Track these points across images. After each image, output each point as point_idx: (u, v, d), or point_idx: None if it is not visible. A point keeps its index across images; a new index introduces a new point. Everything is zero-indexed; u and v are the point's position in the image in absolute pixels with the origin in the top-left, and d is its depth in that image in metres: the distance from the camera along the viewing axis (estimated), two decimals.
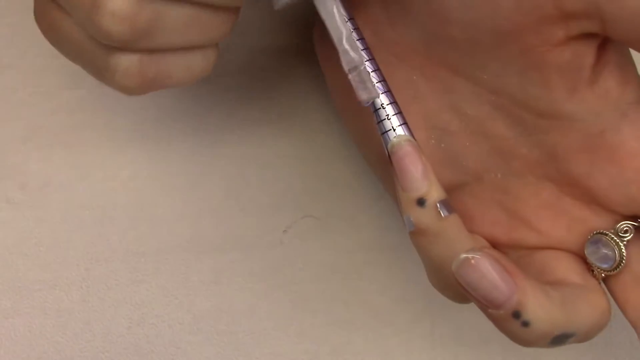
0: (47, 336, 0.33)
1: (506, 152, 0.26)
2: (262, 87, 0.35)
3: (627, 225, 0.25)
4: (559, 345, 0.24)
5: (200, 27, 0.24)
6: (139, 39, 0.22)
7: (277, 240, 0.35)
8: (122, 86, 0.24)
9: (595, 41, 0.24)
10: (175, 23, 0.23)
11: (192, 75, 0.25)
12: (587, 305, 0.24)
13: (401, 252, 0.35)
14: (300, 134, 0.35)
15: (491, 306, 0.22)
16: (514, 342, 0.23)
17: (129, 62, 0.23)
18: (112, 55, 0.23)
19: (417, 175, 0.24)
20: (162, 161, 0.35)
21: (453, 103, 0.26)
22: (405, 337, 0.35)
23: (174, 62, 0.24)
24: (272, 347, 0.34)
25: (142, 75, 0.24)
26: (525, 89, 0.25)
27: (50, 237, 0.34)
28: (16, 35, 0.34)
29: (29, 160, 0.34)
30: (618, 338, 0.35)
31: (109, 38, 0.22)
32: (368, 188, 0.35)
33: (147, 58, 0.24)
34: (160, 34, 0.23)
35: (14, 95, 0.34)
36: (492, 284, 0.22)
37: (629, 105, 0.24)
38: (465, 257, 0.22)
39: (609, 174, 0.24)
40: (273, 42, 0.35)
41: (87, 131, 0.34)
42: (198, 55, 0.25)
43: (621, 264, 0.24)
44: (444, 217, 0.23)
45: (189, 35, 0.24)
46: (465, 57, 0.25)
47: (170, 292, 0.34)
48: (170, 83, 0.25)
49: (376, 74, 0.25)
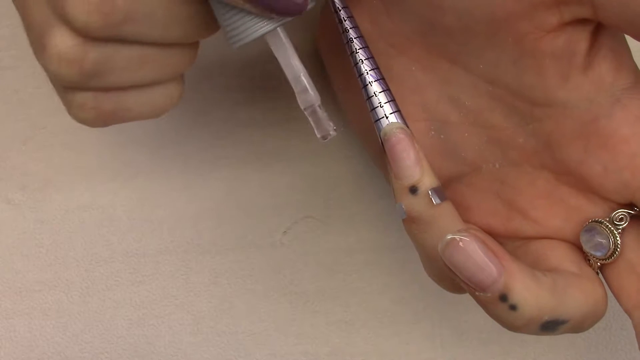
0: (47, 336, 0.33)
1: (503, 142, 0.26)
2: (263, 88, 0.35)
3: (623, 214, 0.24)
4: (551, 332, 0.23)
5: (154, 65, 0.23)
6: (88, 80, 0.22)
7: (277, 241, 0.35)
8: (80, 119, 0.24)
9: (589, 27, 0.24)
10: (126, 63, 0.22)
11: (154, 109, 0.25)
12: (580, 293, 0.24)
13: (401, 253, 0.35)
14: (300, 135, 0.35)
15: (477, 289, 0.22)
16: (504, 327, 0.23)
17: (83, 99, 0.23)
18: (67, 91, 0.23)
19: (409, 162, 0.24)
20: (162, 162, 0.35)
21: (451, 94, 0.26)
22: (405, 337, 0.35)
23: (132, 98, 0.24)
24: (272, 348, 0.34)
25: (97, 111, 0.23)
26: (520, 77, 0.25)
27: (50, 237, 0.34)
28: (16, 36, 0.34)
29: (30, 161, 0.34)
30: (618, 338, 0.35)
31: (58, 79, 0.22)
32: (368, 188, 0.35)
33: (102, 95, 0.23)
34: (110, 74, 0.22)
35: (15, 96, 0.34)
36: (478, 266, 0.22)
37: (623, 90, 0.24)
38: (452, 237, 0.22)
39: (603, 161, 0.24)
40: None
41: (87, 132, 0.34)
42: (159, 90, 0.24)
43: (616, 252, 0.24)
44: (436, 204, 0.23)
45: (143, 73, 0.23)
46: (462, 47, 0.25)
47: (170, 293, 0.34)
48: (132, 117, 0.24)
49: (369, 62, 0.25)
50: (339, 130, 0.35)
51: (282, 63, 0.24)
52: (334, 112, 0.35)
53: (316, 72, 0.35)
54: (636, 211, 0.24)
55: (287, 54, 0.24)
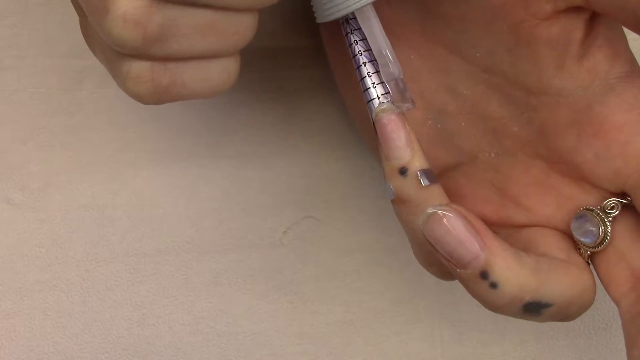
0: (47, 336, 0.33)
1: (499, 131, 0.26)
2: (263, 88, 0.35)
3: (614, 202, 0.24)
4: (535, 315, 0.23)
5: (217, 33, 0.22)
6: (151, 45, 0.21)
7: (277, 241, 0.35)
8: (134, 93, 0.23)
9: (584, 16, 0.24)
10: (191, 29, 0.22)
11: (209, 87, 0.24)
12: (566, 278, 0.23)
13: (401, 253, 0.35)
14: (300, 134, 0.35)
15: (458, 265, 0.22)
16: (485, 307, 0.23)
17: (140, 69, 0.22)
18: (124, 61, 0.22)
19: (399, 143, 0.24)
20: (162, 161, 0.35)
21: (449, 83, 0.27)
22: (405, 337, 0.35)
23: (189, 71, 0.23)
24: (272, 348, 0.34)
25: (154, 83, 0.23)
26: (516, 65, 0.25)
27: (50, 238, 0.34)
28: (16, 35, 0.34)
29: (30, 161, 0.34)
30: (618, 338, 0.35)
31: (119, 44, 0.21)
32: (368, 188, 0.35)
33: (159, 66, 0.22)
34: (173, 41, 0.22)
35: (14, 96, 0.34)
36: (458, 240, 0.22)
37: (618, 79, 0.24)
38: (433, 211, 0.22)
39: (595, 148, 0.24)
40: (274, 43, 0.35)
41: (87, 132, 0.34)
42: (216, 65, 0.24)
43: (605, 240, 0.24)
44: (424, 186, 0.23)
45: (206, 41, 0.22)
46: (459, 35, 0.25)
47: (170, 293, 0.34)
48: (186, 94, 0.24)
49: (363, 43, 0.25)
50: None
51: (368, 37, 0.24)
52: (334, 114, 0.35)
53: (318, 73, 0.35)
54: (628, 201, 0.24)
55: (373, 28, 0.24)
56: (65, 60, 0.34)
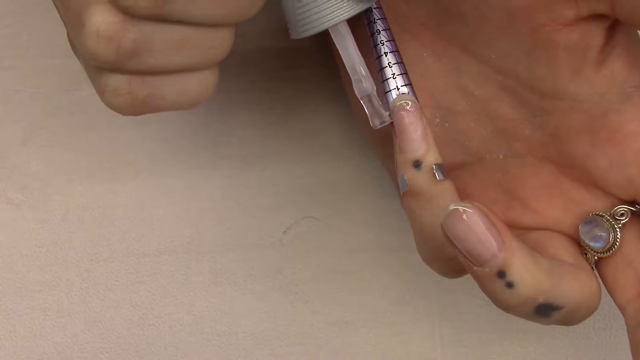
0: (47, 336, 0.33)
1: (509, 133, 0.26)
2: (263, 89, 0.35)
3: (624, 209, 0.25)
4: (544, 317, 0.23)
5: (193, 48, 0.23)
6: (126, 60, 0.22)
7: (277, 241, 0.35)
8: (112, 105, 0.23)
9: (605, 23, 0.24)
10: (166, 44, 0.22)
11: (188, 99, 0.24)
12: (575, 282, 0.23)
13: (401, 253, 0.35)
14: (300, 135, 0.35)
15: (476, 263, 0.22)
16: (497, 306, 0.23)
17: (117, 83, 0.23)
18: (102, 74, 0.23)
19: (416, 136, 0.24)
20: (162, 162, 0.35)
21: (461, 83, 0.27)
22: (405, 337, 0.34)
23: (167, 84, 0.23)
24: (272, 348, 0.34)
25: (131, 96, 0.23)
26: (532, 69, 0.25)
27: (50, 238, 0.34)
28: (16, 36, 0.34)
29: (30, 161, 0.34)
30: (618, 338, 0.35)
31: (94, 59, 0.22)
32: (368, 188, 0.35)
33: (137, 79, 0.23)
34: (148, 56, 0.22)
35: (15, 96, 0.34)
36: (478, 238, 0.22)
37: (634, 88, 0.24)
38: (455, 208, 0.22)
39: (609, 155, 0.24)
40: (274, 44, 0.35)
41: (87, 132, 0.34)
42: (194, 78, 0.24)
43: (614, 247, 0.24)
44: (439, 180, 0.23)
45: (182, 56, 0.23)
46: (475, 35, 0.25)
47: (170, 293, 0.34)
48: (164, 106, 0.24)
49: (386, 33, 0.25)
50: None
51: (341, 52, 0.24)
52: (334, 114, 0.35)
53: (317, 74, 0.35)
54: (637, 208, 0.24)
55: (346, 44, 0.24)
56: (65, 60, 0.34)
